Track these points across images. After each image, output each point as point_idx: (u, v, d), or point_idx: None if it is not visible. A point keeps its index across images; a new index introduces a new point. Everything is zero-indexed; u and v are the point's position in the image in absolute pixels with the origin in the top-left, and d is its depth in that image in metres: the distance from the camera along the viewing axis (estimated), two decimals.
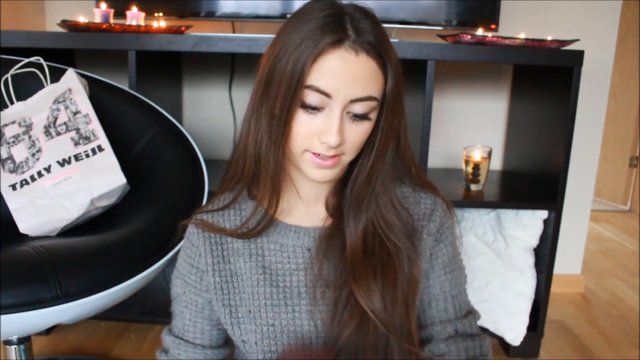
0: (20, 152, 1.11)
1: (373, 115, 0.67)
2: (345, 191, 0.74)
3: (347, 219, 0.72)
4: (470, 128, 1.95)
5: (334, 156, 0.67)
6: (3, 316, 0.83)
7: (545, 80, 1.62)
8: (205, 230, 0.76)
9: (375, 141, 0.69)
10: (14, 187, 1.09)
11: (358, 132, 0.66)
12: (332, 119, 0.64)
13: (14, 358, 1.14)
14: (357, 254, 0.70)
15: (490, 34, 1.47)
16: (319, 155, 0.66)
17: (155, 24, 1.49)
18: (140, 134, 1.23)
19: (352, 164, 0.72)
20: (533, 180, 1.68)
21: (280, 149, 0.67)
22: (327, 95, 0.63)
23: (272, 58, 0.66)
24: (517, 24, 1.85)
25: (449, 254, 0.77)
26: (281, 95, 0.64)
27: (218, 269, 0.75)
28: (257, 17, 1.69)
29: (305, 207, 0.76)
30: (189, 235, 0.77)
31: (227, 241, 0.76)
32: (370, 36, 0.64)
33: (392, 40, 0.71)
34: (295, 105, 0.64)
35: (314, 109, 0.65)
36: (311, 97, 0.64)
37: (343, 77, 0.63)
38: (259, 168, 0.71)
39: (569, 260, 2.10)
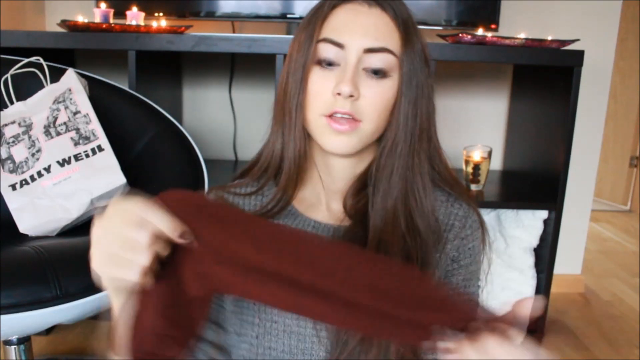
0: (20, 152, 1.11)
1: (393, 75, 0.64)
2: (371, 168, 0.69)
3: (373, 196, 0.67)
4: (470, 128, 1.95)
5: (350, 120, 0.63)
6: (3, 316, 0.83)
7: (545, 80, 1.62)
8: None
9: (396, 107, 0.65)
10: (13, 187, 1.09)
11: (377, 92, 0.63)
12: (345, 68, 0.63)
13: (14, 358, 1.14)
14: (383, 237, 0.64)
15: (490, 34, 1.47)
16: (334, 118, 0.63)
17: (155, 24, 1.49)
18: (140, 134, 1.23)
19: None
20: (533, 180, 1.68)
21: (301, 113, 0.65)
22: (339, 45, 0.63)
23: (291, 42, 0.67)
24: (517, 24, 1.85)
25: (460, 277, 0.70)
26: (298, 56, 0.64)
27: None
28: (257, 17, 1.69)
29: (326, 203, 0.72)
30: None
31: None
32: None
33: None
34: (310, 62, 0.64)
35: (329, 64, 0.63)
36: (324, 50, 0.63)
37: (355, 26, 0.63)
38: (285, 152, 0.69)
39: (569, 260, 2.10)
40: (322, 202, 0.73)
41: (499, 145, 1.95)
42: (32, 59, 1.22)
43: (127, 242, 0.48)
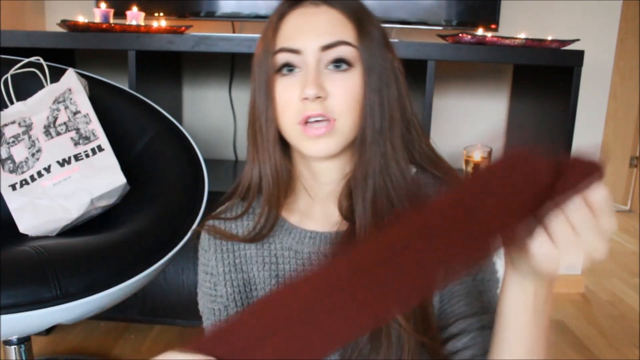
0: (20, 152, 1.11)
1: (357, 66, 0.63)
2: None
3: (354, 191, 0.66)
4: (470, 128, 1.95)
5: (325, 121, 0.62)
6: (3, 316, 0.83)
7: (545, 80, 1.62)
8: (217, 238, 0.72)
9: (363, 98, 0.64)
10: (13, 187, 1.09)
11: (344, 86, 0.62)
12: (307, 72, 0.62)
13: (14, 358, 1.14)
14: (367, 230, 0.64)
15: (490, 34, 1.47)
16: (309, 124, 0.62)
17: (155, 24, 1.49)
18: (140, 134, 1.23)
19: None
20: None
21: (272, 127, 0.65)
22: (295, 52, 0.62)
23: (253, 59, 0.68)
24: (517, 24, 1.85)
25: None
26: (260, 71, 0.64)
27: (230, 278, 0.72)
28: (257, 17, 1.69)
29: (321, 211, 0.71)
30: (201, 242, 0.75)
31: (240, 248, 0.72)
32: None
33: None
34: (272, 74, 0.64)
35: (290, 69, 0.63)
36: (282, 58, 0.63)
37: (307, 29, 0.63)
38: (262, 170, 0.68)
39: (569, 260, 2.09)
40: (316, 210, 0.71)
41: (498, 146, 1.95)
42: (32, 59, 1.22)
43: None
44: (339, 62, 0.62)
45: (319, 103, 0.61)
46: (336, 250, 0.68)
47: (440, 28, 1.72)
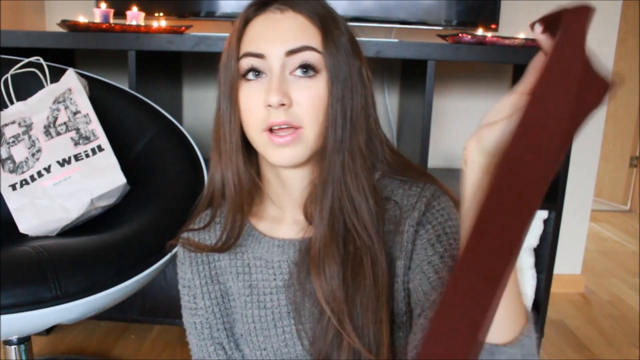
0: (20, 152, 1.11)
1: (323, 72, 0.62)
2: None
3: (315, 203, 0.65)
4: (470, 128, 1.93)
5: (290, 129, 0.61)
6: (3, 316, 0.83)
7: None
8: (191, 250, 0.72)
9: (327, 105, 0.63)
10: (13, 187, 1.09)
11: (309, 94, 0.61)
12: (271, 78, 0.61)
13: (14, 358, 1.14)
14: (322, 240, 0.63)
15: (490, 34, 1.47)
16: (274, 132, 0.61)
17: (155, 24, 1.49)
18: (140, 134, 1.23)
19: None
20: None
21: (236, 133, 0.64)
22: (260, 56, 0.61)
23: (219, 67, 0.67)
24: (517, 24, 1.85)
25: (436, 232, 0.63)
26: (225, 78, 0.64)
27: (207, 290, 0.72)
28: None
29: (290, 218, 0.70)
30: (178, 255, 0.75)
31: (215, 259, 0.72)
32: None
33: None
34: (237, 80, 0.63)
35: (255, 74, 0.62)
36: (246, 63, 0.62)
37: (271, 34, 0.62)
38: (225, 178, 0.68)
39: (569, 260, 2.09)
40: (286, 217, 0.71)
41: None
42: (32, 59, 1.22)
43: None
44: (304, 68, 0.62)
45: (283, 111, 0.60)
46: (302, 257, 0.66)
47: (440, 28, 1.72)
